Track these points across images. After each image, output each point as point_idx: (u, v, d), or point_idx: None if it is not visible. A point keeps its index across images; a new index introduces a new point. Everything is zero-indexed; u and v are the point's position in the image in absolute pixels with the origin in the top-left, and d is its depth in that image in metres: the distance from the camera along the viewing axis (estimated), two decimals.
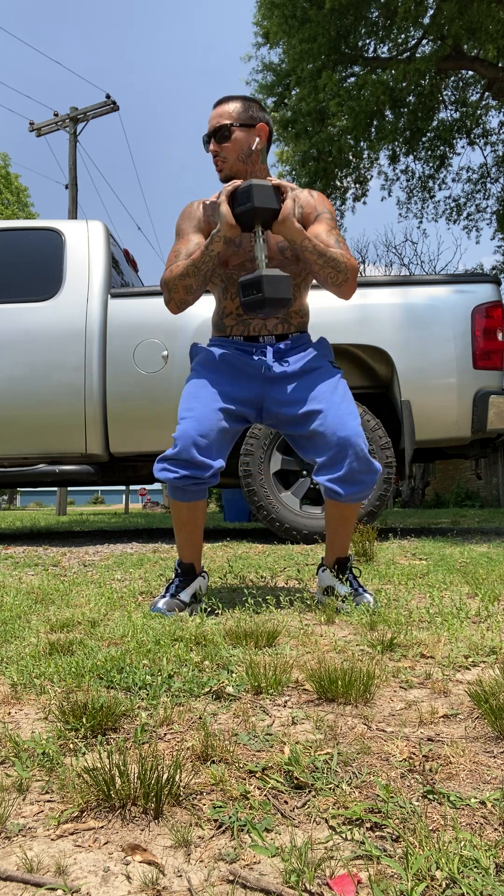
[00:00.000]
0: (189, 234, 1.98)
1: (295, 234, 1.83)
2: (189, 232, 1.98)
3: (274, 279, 1.76)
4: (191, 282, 1.90)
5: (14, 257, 4.10)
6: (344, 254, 1.89)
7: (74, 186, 15.14)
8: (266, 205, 1.78)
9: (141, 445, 3.95)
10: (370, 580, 2.36)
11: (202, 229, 1.98)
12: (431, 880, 0.64)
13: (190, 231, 1.99)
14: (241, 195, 1.81)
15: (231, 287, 1.99)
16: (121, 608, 1.96)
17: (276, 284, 1.76)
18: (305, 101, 11.95)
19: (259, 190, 1.78)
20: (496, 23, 10.27)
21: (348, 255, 1.91)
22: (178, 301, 1.95)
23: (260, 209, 1.78)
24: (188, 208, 2.02)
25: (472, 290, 3.81)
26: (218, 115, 1.92)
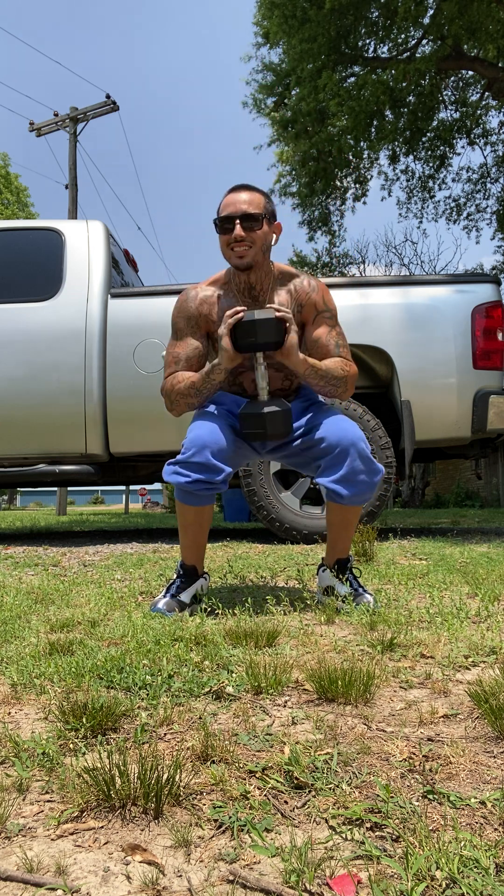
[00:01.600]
0: (187, 336, 1.96)
1: (297, 366, 1.83)
2: (187, 334, 1.96)
3: (275, 416, 1.78)
4: (192, 401, 1.92)
5: (14, 257, 4.10)
6: (343, 365, 1.90)
7: (74, 186, 15.13)
8: (269, 340, 1.77)
9: (141, 445, 3.95)
10: (370, 580, 2.36)
11: (200, 326, 1.96)
12: (431, 880, 0.64)
13: (188, 332, 1.96)
14: (243, 328, 1.78)
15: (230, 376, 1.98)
16: (121, 608, 1.96)
17: (278, 422, 1.79)
18: (305, 101, 11.94)
19: (262, 325, 1.75)
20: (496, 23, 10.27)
21: (347, 360, 1.92)
22: (179, 412, 1.97)
23: (262, 344, 1.78)
24: (184, 303, 1.96)
25: (472, 290, 3.81)
26: (247, 202, 1.83)
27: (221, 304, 1.93)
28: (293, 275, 1.96)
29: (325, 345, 1.93)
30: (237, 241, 1.82)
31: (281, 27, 11.58)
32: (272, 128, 13.47)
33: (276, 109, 13.26)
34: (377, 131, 12.56)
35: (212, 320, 1.94)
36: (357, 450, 1.80)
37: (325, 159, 12.97)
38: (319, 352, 1.93)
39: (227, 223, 1.84)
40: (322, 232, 15.00)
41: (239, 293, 1.92)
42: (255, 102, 13.53)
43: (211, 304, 1.94)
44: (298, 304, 1.94)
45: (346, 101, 11.45)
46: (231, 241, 1.83)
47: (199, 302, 1.95)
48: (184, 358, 1.94)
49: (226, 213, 1.84)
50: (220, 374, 1.85)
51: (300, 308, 1.94)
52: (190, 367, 1.94)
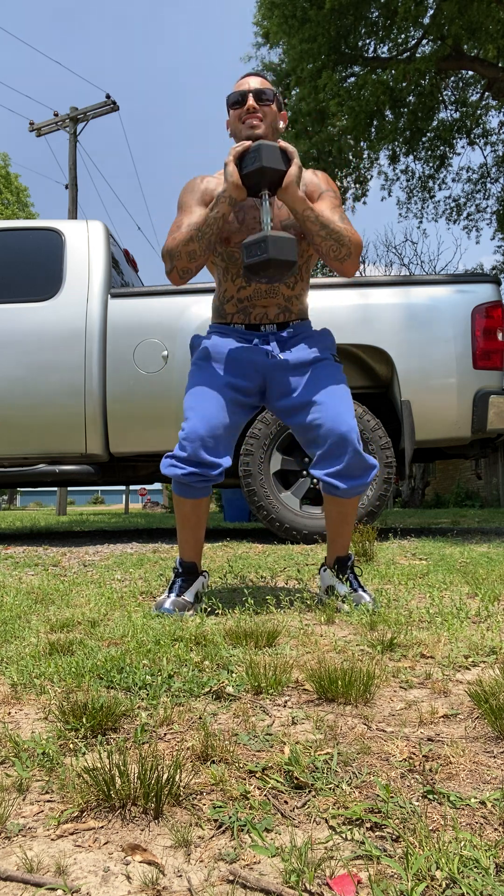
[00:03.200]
0: (192, 206, 1.95)
1: (298, 202, 1.81)
2: (192, 204, 1.95)
3: (280, 240, 1.72)
4: (194, 247, 1.86)
5: (14, 257, 4.10)
6: (347, 228, 1.87)
7: (74, 186, 15.13)
8: (274, 165, 1.77)
9: (141, 445, 3.95)
10: (370, 580, 2.36)
11: (206, 202, 1.95)
12: (431, 880, 0.64)
13: (193, 203, 1.95)
14: (249, 155, 1.79)
15: (232, 267, 1.96)
16: (121, 608, 1.96)
17: (282, 245, 1.72)
18: (305, 101, 11.95)
19: (268, 150, 1.76)
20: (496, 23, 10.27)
21: (352, 230, 1.89)
22: (180, 269, 1.89)
23: (268, 169, 1.76)
24: (191, 182, 1.99)
25: (472, 290, 3.81)
26: (259, 82, 1.93)
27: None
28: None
29: (328, 216, 1.90)
30: (249, 113, 1.89)
31: (281, 27, 11.58)
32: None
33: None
34: (377, 131, 12.57)
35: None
36: (352, 447, 1.81)
37: (325, 159, 12.96)
38: None
39: (239, 98, 1.91)
40: None
41: None
42: None
43: (217, 184, 1.97)
44: (304, 184, 1.96)
45: (346, 101, 11.45)
46: (243, 113, 1.90)
47: (206, 181, 1.98)
48: (186, 224, 1.91)
49: (240, 90, 1.92)
50: (223, 205, 1.82)
51: (304, 188, 1.96)
52: None
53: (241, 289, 1.97)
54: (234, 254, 1.95)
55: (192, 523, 1.93)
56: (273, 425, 3.68)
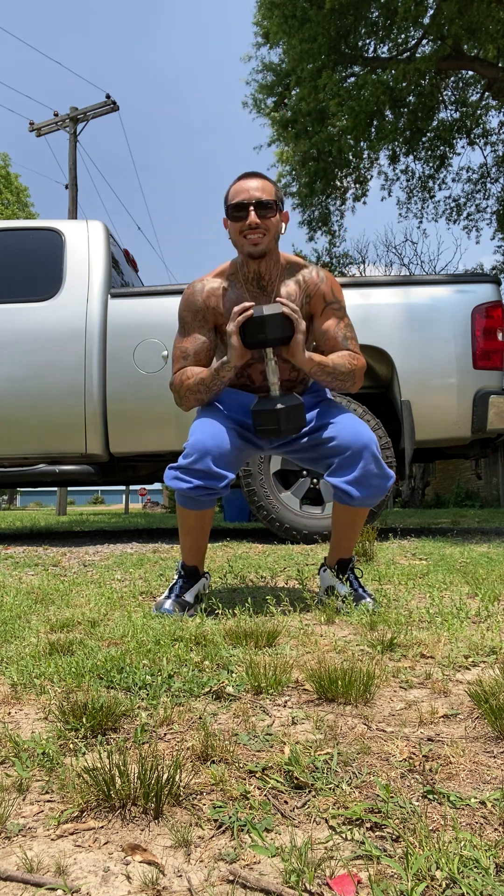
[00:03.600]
0: (194, 330, 1.93)
1: (304, 364, 1.83)
2: (194, 328, 1.93)
3: (289, 412, 1.77)
4: (202, 397, 1.91)
5: (14, 257, 4.10)
6: (351, 359, 1.89)
7: (74, 186, 15.13)
8: (277, 336, 1.77)
9: (141, 445, 3.95)
10: (370, 580, 2.36)
11: (207, 320, 1.93)
12: (431, 880, 0.64)
13: (195, 327, 1.93)
14: (252, 324, 1.77)
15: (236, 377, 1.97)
16: (121, 608, 1.96)
17: (292, 417, 1.78)
18: (305, 101, 11.94)
19: (271, 321, 1.75)
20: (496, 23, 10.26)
21: (355, 353, 1.91)
22: (188, 407, 1.96)
23: (272, 340, 1.77)
24: (191, 297, 1.94)
25: (472, 290, 3.81)
26: (260, 190, 1.82)
27: (228, 296, 1.90)
28: (301, 265, 1.94)
29: (333, 337, 1.91)
30: (251, 229, 1.80)
31: (281, 27, 11.58)
32: (272, 128, 13.47)
33: (276, 109, 13.25)
34: (377, 131, 12.56)
35: (219, 312, 1.92)
36: (371, 452, 1.79)
37: (325, 159, 12.96)
38: (328, 344, 1.92)
39: (240, 210, 1.81)
40: (322, 232, 14.99)
41: (247, 283, 1.90)
42: (255, 102, 13.53)
43: (218, 297, 1.92)
44: (307, 295, 1.92)
45: (346, 101, 11.45)
46: (245, 228, 1.81)
47: (206, 295, 1.92)
48: (192, 353, 1.92)
49: (239, 200, 1.81)
50: (228, 372, 1.84)
51: (308, 299, 1.92)
52: (198, 362, 1.92)
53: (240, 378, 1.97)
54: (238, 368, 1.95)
55: (196, 533, 1.92)
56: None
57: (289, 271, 1.92)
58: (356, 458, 1.80)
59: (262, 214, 1.80)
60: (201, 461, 1.75)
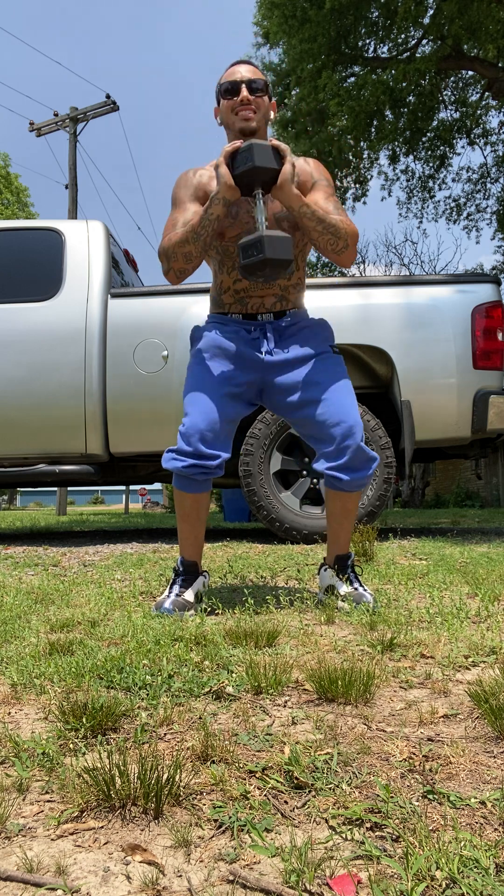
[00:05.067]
0: (186, 202, 1.95)
1: (293, 200, 1.81)
2: (186, 201, 1.95)
3: (275, 239, 1.72)
4: (190, 249, 1.86)
5: (14, 257, 4.10)
6: (343, 220, 1.88)
7: (74, 186, 15.13)
8: (266, 164, 1.76)
9: (141, 445, 3.95)
10: (370, 580, 2.36)
11: (199, 197, 1.95)
12: (431, 880, 0.64)
13: (187, 200, 1.95)
14: (241, 155, 1.78)
15: (228, 260, 1.97)
16: (121, 608, 1.96)
17: (278, 245, 1.72)
18: (305, 101, 11.95)
19: (259, 150, 1.75)
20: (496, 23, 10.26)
21: (347, 221, 1.89)
22: (177, 270, 1.90)
23: (260, 169, 1.76)
24: (184, 177, 1.99)
25: (472, 290, 3.81)
26: (251, 72, 1.91)
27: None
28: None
29: (323, 207, 1.90)
30: (243, 105, 1.88)
31: (281, 27, 11.58)
32: (272, 128, 13.47)
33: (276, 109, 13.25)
34: (377, 131, 12.57)
35: (211, 191, 1.94)
36: (355, 441, 1.84)
37: (325, 159, 12.95)
38: None
39: (232, 87, 1.89)
40: None
41: None
42: None
43: (210, 177, 1.96)
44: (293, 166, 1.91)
45: (346, 101, 11.45)
46: (237, 105, 1.89)
47: (199, 175, 1.98)
48: (182, 222, 1.91)
49: (232, 79, 1.89)
50: (217, 207, 1.81)
51: (297, 178, 1.94)
52: None
53: (237, 281, 1.98)
54: (228, 248, 1.95)
55: (193, 519, 1.94)
56: (273, 425, 3.68)
57: None
58: (342, 446, 1.84)
59: (254, 92, 1.89)
60: (195, 441, 1.81)
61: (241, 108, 1.88)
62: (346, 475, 1.86)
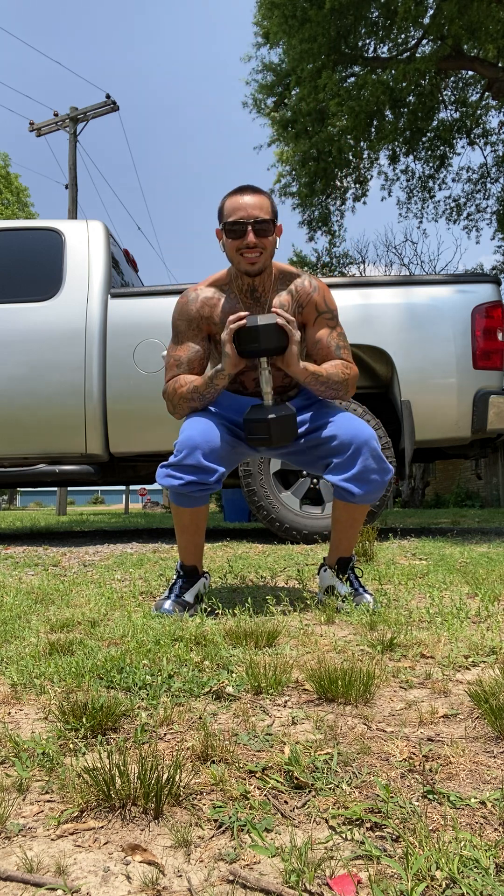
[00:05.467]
0: (187, 339, 1.94)
1: (298, 375, 1.84)
2: (188, 337, 1.94)
3: (281, 422, 1.77)
4: (195, 405, 1.91)
5: (14, 257, 4.10)
6: (344, 369, 1.90)
7: (74, 186, 15.13)
8: (271, 346, 1.77)
9: (141, 445, 3.95)
10: (370, 580, 2.36)
11: (201, 329, 1.94)
12: (431, 880, 0.64)
13: (189, 336, 1.94)
14: (246, 333, 1.77)
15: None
16: (121, 608, 1.96)
17: (283, 427, 1.78)
18: (305, 101, 11.94)
19: (265, 331, 1.75)
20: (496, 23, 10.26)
21: (348, 362, 1.93)
22: (181, 415, 1.97)
23: (265, 350, 1.78)
24: (185, 306, 1.94)
25: (472, 290, 3.81)
26: (258, 207, 1.79)
27: (223, 307, 1.91)
28: (294, 275, 1.95)
29: (325, 346, 1.93)
30: (249, 248, 1.80)
31: (281, 27, 11.58)
32: (272, 128, 13.48)
33: (276, 109, 13.25)
34: (377, 131, 12.57)
35: (213, 322, 1.92)
36: (370, 448, 1.80)
37: (325, 159, 12.96)
38: (320, 353, 1.93)
39: (238, 228, 1.79)
40: (322, 232, 15.00)
41: (241, 294, 1.91)
42: (255, 102, 13.54)
43: (212, 306, 1.92)
44: (299, 304, 1.93)
45: (346, 101, 11.45)
46: (242, 247, 1.80)
47: (200, 304, 1.92)
48: (185, 361, 1.93)
49: (237, 218, 1.79)
50: (223, 380, 1.85)
51: (301, 309, 1.93)
52: (191, 370, 1.93)
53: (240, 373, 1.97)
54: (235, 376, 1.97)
55: (192, 530, 1.92)
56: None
57: (281, 281, 1.93)
58: (356, 455, 1.80)
59: (260, 233, 1.79)
60: (191, 456, 1.76)
61: (247, 251, 1.80)
62: (358, 487, 1.81)
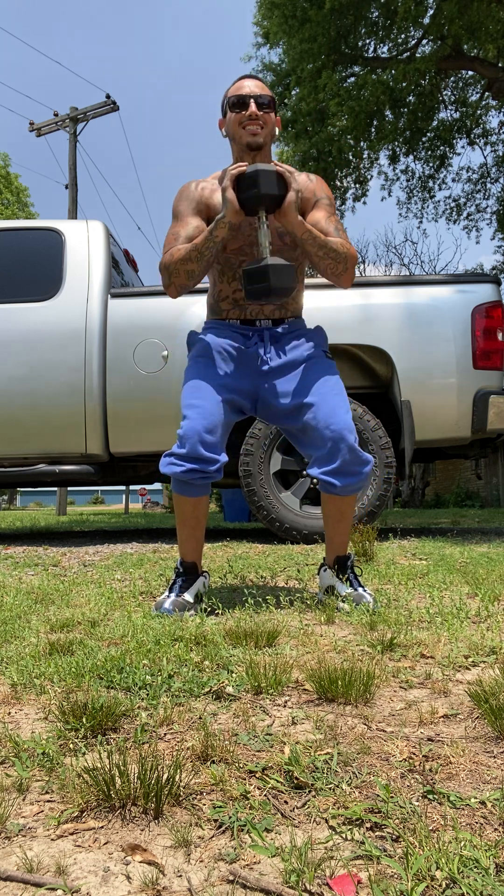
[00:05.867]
0: (188, 216, 1.97)
1: (296, 226, 1.84)
2: (188, 214, 1.97)
3: (280, 269, 1.76)
4: (193, 267, 1.90)
5: (14, 257, 4.10)
6: (343, 242, 1.91)
7: (74, 186, 15.13)
8: (271, 191, 1.79)
9: (141, 445, 3.95)
10: (370, 580, 2.36)
11: (201, 210, 1.97)
12: (431, 880, 0.64)
13: (188, 213, 1.97)
14: (246, 180, 1.80)
15: (228, 271, 1.99)
16: (121, 608, 1.96)
17: (282, 274, 1.77)
18: (305, 101, 11.95)
19: (265, 176, 1.78)
20: (496, 23, 10.27)
21: (347, 243, 1.93)
22: (178, 285, 1.94)
23: (265, 196, 1.79)
24: (186, 189, 2.00)
25: (472, 290, 3.81)
26: (259, 87, 1.92)
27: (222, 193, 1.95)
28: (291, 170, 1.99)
29: (324, 228, 1.94)
30: (251, 120, 1.90)
31: (281, 27, 11.59)
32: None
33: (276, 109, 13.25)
34: (377, 131, 12.57)
35: (212, 206, 1.96)
36: (346, 444, 1.82)
37: (325, 159, 12.96)
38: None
39: (241, 102, 1.90)
40: None
41: None
42: None
43: (212, 191, 1.98)
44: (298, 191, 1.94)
45: (346, 101, 11.45)
46: (245, 119, 1.90)
47: (201, 188, 1.99)
48: (184, 235, 1.94)
49: (241, 94, 1.91)
50: (222, 229, 1.84)
51: (300, 195, 1.96)
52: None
53: (237, 290, 2.00)
54: (230, 259, 1.97)
55: (193, 523, 1.93)
56: (273, 426, 3.68)
57: None
58: (333, 450, 1.83)
59: (262, 107, 1.91)
60: (193, 445, 1.79)
61: (249, 123, 1.90)
62: (339, 480, 1.84)
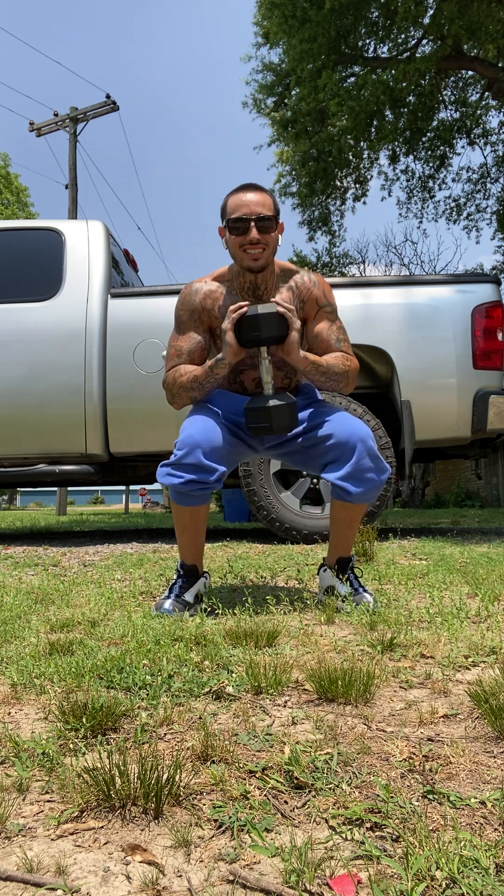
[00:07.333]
0: (190, 329, 1.96)
1: (299, 363, 1.84)
2: (190, 327, 1.96)
3: (280, 410, 1.78)
4: (195, 395, 1.92)
5: (14, 257, 4.10)
6: (344, 360, 1.91)
7: (74, 186, 15.13)
8: (272, 334, 1.78)
9: (141, 445, 3.95)
10: (370, 580, 2.36)
11: (203, 321, 1.96)
12: (431, 880, 0.64)
13: (191, 326, 1.96)
14: (247, 322, 1.78)
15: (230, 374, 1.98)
16: (121, 608, 1.96)
17: (283, 416, 1.79)
18: (305, 101, 11.94)
19: (266, 319, 1.76)
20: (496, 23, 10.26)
21: (349, 353, 1.94)
22: (180, 405, 1.98)
23: (266, 339, 1.79)
24: (188, 297, 1.96)
25: (472, 290, 3.81)
26: (261, 204, 1.81)
27: (225, 301, 1.93)
28: (293, 271, 1.97)
29: (325, 339, 1.94)
30: (252, 244, 1.81)
31: (281, 27, 11.58)
32: (272, 128, 13.48)
33: (276, 109, 13.26)
34: (377, 131, 12.57)
35: (214, 315, 1.94)
36: (366, 447, 1.81)
37: (325, 159, 12.97)
38: (321, 346, 1.95)
39: (241, 224, 1.81)
40: (322, 232, 15.00)
41: (242, 292, 1.92)
42: (255, 102, 13.55)
43: (214, 300, 1.94)
44: (300, 300, 1.95)
45: (346, 101, 11.45)
46: (245, 243, 1.81)
47: (203, 296, 1.94)
48: (186, 351, 1.95)
49: (240, 214, 1.81)
50: (223, 369, 1.85)
51: (302, 304, 1.95)
52: (192, 361, 1.95)
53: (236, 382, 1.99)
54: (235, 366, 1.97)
55: (192, 530, 1.92)
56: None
57: (282, 278, 1.95)
58: (351, 453, 1.82)
59: (263, 229, 1.81)
60: (191, 455, 1.77)
61: (250, 247, 1.82)
62: (353, 486, 1.82)
